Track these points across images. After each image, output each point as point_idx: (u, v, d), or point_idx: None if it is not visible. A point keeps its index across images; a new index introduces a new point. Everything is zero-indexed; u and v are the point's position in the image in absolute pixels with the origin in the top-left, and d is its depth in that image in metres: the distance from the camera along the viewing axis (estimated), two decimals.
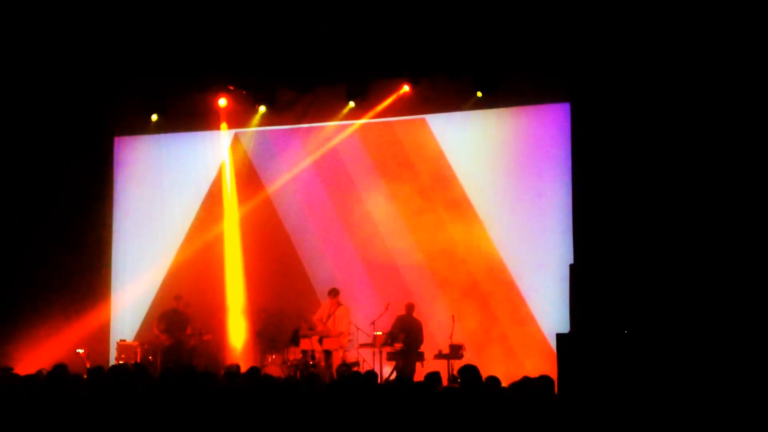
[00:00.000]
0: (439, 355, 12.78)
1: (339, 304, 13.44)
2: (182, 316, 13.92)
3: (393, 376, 12.85)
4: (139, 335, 14.58)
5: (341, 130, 14.75)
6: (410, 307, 13.43)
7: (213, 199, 15.42)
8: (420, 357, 13.04)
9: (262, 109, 14.68)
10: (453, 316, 12.95)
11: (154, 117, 15.16)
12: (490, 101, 13.62)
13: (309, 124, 14.87)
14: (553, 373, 10.49)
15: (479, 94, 13.52)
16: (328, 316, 13.37)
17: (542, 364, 11.91)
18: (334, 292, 13.52)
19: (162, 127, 15.38)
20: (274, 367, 12.96)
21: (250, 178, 15.26)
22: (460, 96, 13.74)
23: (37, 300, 14.82)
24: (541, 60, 12.53)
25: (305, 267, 14.73)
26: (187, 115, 15.18)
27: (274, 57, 13.14)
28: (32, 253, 14.89)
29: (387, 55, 12.85)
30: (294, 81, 14.04)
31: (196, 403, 6.65)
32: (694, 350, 10.81)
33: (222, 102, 14.67)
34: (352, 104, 14.32)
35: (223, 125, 15.15)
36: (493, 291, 13.64)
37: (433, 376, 7.35)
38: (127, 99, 14.88)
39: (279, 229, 15.02)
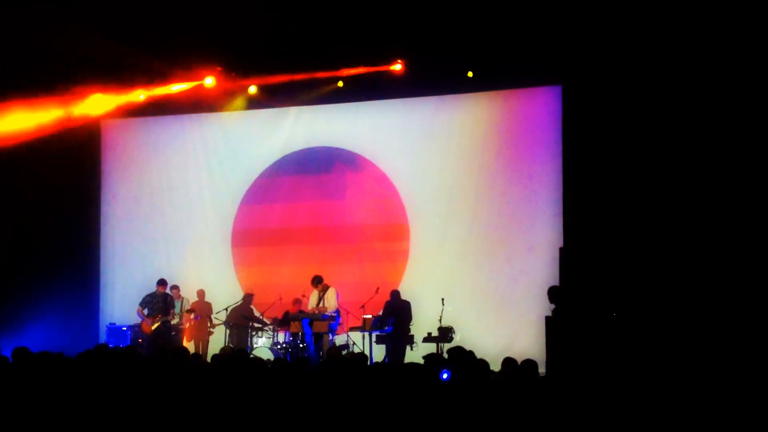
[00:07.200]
0: (429, 338, 12.77)
1: (326, 288, 13.34)
2: (166, 299, 13.83)
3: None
4: (129, 318, 14.48)
5: (331, 112, 14.66)
6: (395, 293, 13.39)
7: (201, 181, 15.33)
8: (410, 340, 13.03)
9: (252, 89, 14.57)
10: (443, 299, 12.93)
11: (142, 96, 15.00)
12: (482, 84, 13.56)
13: (298, 105, 14.77)
14: (542, 355, 10.56)
15: (470, 74, 13.41)
16: (319, 300, 13.30)
17: (531, 346, 11.94)
18: (317, 281, 13.39)
19: (149, 110, 15.24)
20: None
21: (235, 159, 15.19)
22: (451, 78, 13.64)
23: (26, 283, 14.73)
24: (533, 42, 12.47)
25: (296, 250, 14.68)
26: (174, 97, 15.03)
27: (264, 37, 13.01)
28: (19, 236, 14.79)
29: (378, 36, 12.74)
30: (284, 62, 13.90)
31: (187, 386, 6.63)
32: (682, 332, 10.89)
33: (209, 81, 14.47)
34: (340, 83, 14.19)
35: (210, 107, 15.05)
36: (483, 273, 13.63)
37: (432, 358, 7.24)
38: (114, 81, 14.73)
39: (269, 211, 14.99)
